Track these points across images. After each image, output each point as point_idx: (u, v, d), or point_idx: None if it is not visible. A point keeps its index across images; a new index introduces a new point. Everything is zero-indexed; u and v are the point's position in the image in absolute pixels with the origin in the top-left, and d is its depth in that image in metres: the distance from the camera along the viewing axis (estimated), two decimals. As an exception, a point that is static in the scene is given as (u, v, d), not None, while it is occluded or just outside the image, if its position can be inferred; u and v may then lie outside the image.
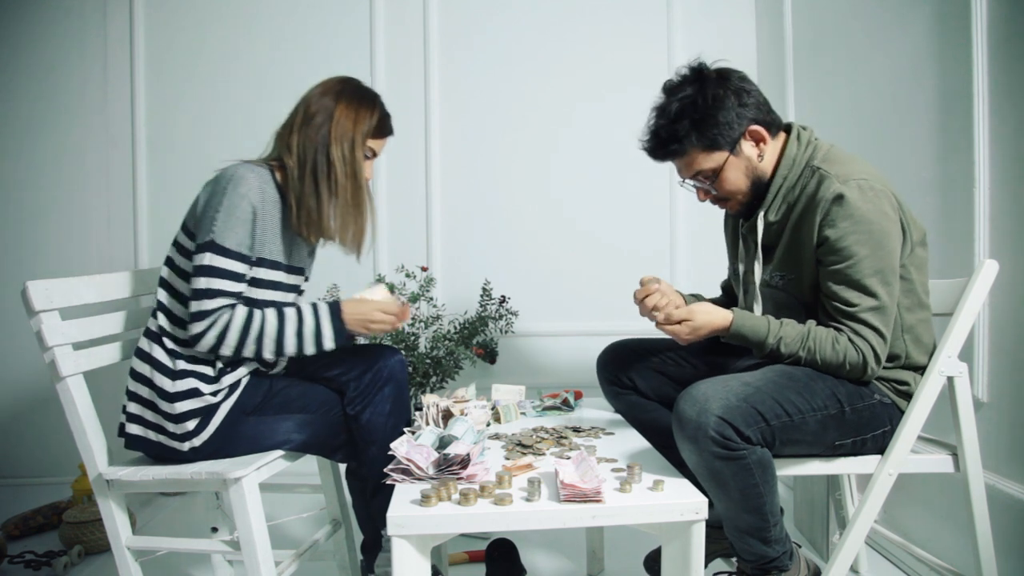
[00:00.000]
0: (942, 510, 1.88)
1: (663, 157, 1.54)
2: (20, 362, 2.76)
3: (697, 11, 2.87)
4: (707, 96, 1.46)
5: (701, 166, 1.50)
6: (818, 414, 1.38)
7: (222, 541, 1.57)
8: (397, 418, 1.56)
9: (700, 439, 1.27)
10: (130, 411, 1.52)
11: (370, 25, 2.86)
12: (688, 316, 1.47)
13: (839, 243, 1.38)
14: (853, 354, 1.40)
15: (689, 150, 1.49)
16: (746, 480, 1.30)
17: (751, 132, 1.49)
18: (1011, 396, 1.68)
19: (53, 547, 2.18)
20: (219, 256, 1.46)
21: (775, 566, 1.40)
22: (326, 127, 1.55)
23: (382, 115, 1.62)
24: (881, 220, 1.38)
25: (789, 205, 1.49)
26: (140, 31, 2.85)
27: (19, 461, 2.83)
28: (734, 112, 1.46)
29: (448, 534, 1.17)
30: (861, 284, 1.39)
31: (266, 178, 1.52)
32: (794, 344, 1.42)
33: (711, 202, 1.58)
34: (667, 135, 1.49)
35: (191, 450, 1.49)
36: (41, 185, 2.84)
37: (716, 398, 1.29)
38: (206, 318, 1.45)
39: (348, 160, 1.56)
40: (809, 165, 1.48)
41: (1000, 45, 1.69)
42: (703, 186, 1.54)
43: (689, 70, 1.51)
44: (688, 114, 1.46)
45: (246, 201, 1.47)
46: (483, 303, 2.53)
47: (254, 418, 1.54)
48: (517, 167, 2.89)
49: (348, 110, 1.57)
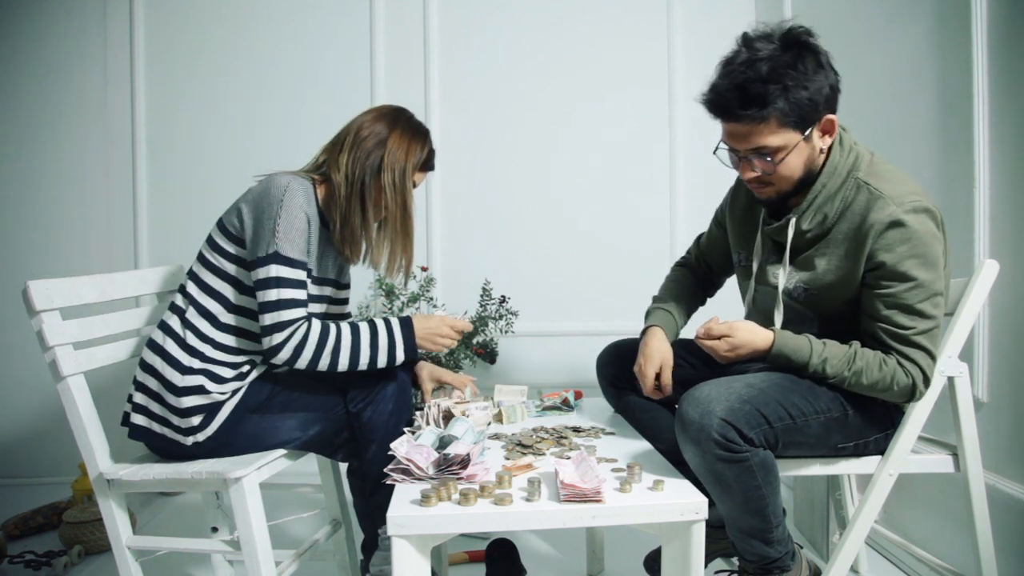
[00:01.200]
0: (942, 510, 1.88)
1: (737, 117, 1.33)
2: (20, 362, 2.76)
3: (697, 11, 2.87)
4: (805, 65, 1.31)
5: (769, 141, 1.34)
6: (821, 416, 1.37)
7: (222, 541, 1.57)
8: (399, 417, 1.57)
9: (703, 441, 1.27)
10: (136, 401, 1.52)
11: (370, 25, 2.86)
12: (729, 332, 1.41)
13: (897, 267, 1.32)
14: (902, 376, 1.35)
15: (770, 118, 1.31)
16: (748, 482, 1.30)
17: (826, 121, 1.36)
18: (1011, 396, 1.68)
19: (53, 547, 2.18)
20: (285, 266, 1.47)
21: (777, 566, 1.40)
22: (378, 153, 1.57)
23: (431, 150, 1.66)
24: (934, 242, 1.33)
25: (825, 216, 1.41)
26: (140, 31, 2.85)
27: (19, 461, 2.83)
28: (823, 93, 1.33)
29: (448, 534, 1.17)
30: (915, 308, 1.33)
31: (310, 192, 1.55)
32: (840, 365, 1.36)
33: (748, 182, 1.43)
34: (755, 93, 1.30)
35: (194, 444, 1.49)
36: (41, 185, 2.84)
37: (719, 400, 1.29)
38: (284, 329, 1.46)
39: (399, 188, 1.59)
40: (853, 177, 1.39)
41: (1000, 45, 1.69)
42: (755, 163, 1.38)
43: (781, 29, 1.35)
44: (782, 78, 1.29)
45: (302, 212, 1.49)
46: (483, 303, 2.54)
47: (257, 416, 1.55)
48: (517, 167, 2.89)
49: (402, 140, 1.59)
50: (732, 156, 1.42)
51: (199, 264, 1.57)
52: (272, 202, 1.48)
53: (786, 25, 1.36)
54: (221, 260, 1.55)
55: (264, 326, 1.48)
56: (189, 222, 2.77)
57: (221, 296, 1.54)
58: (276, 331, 1.47)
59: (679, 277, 1.79)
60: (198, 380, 1.48)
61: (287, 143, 2.79)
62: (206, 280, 1.55)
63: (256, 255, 1.49)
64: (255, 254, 1.49)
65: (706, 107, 1.38)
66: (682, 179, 2.84)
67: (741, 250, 1.63)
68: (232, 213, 1.56)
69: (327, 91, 2.86)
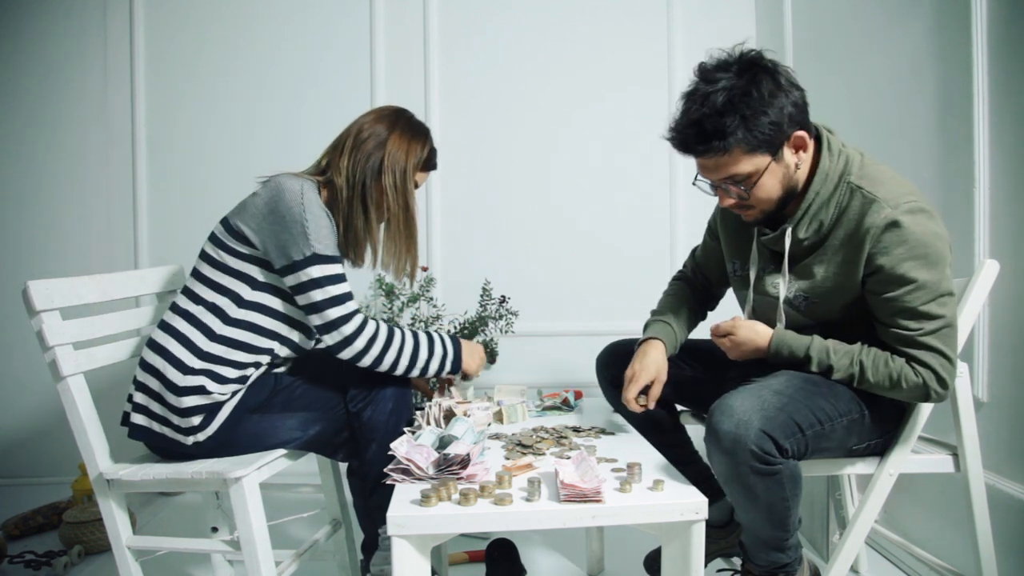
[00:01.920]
0: (942, 510, 1.88)
1: (699, 152, 1.35)
2: (21, 362, 2.77)
3: (697, 11, 2.87)
4: (761, 90, 1.29)
5: (738, 169, 1.34)
6: (844, 419, 1.36)
7: (222, 541, 1.57)
8: (399, 417, 1.57)
9: (739, 452, 1.23)
10: (136, 401, 1.52)
11: (370, 25, 2.86)
12: (731, 329, 1.43)
13: (896, 270, 1.30)
14: (911, 374, 1.32)
15: (732, 148, 1.31)
16: (777, 494, 1.28)
17: (796, 138, 1.35)
18: (1011, 396, 1.68)
19: (53, 547, 2.18)
20: (326, 264, 1.48)
21: (785, 571, 1.40)
22: (378, 155, 1.57)
23: (432, 149, 1.66)
24: (935, 242, 1.30)
25: (821, 223, 1.39)
26: (140, 31, 2.85)
27: (19, 461, 2.83)
28: (786, 112, 1.31)
29: (448, 534, 1.17)
30: (919, 311, 1.31)
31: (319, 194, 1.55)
32: (843, 360, 1.36)
33: (730, 207, 1.44)
34: (713, 129, 1.29)
35: (194, 444, 1.49)
36: (41, 185, 2.84)
37: (754, 410, 1.25)
38: (348, 321, 1.48)
39: (400, 189, 1.59)
40: (845, 181, 1.37)
41: (1000, 45, 1.69)
42: (731, 190, 1.38)
43: (734, 56, 1.33)
44: (738, 108, 1.28)
45: (323, 210, 1.50)
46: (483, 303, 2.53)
47: (257, 416, 1.55)
48: (517, 167, 2.89)
49: (402, 140, 1.59)
50: (708, 185, 1.43)
51: (204, 263, 1.56)
52: (292, 205, 1.47)
53: (738, 50, 1.34)
54: (230, 258, 1.53)
55: (318, 326, 1.50)
56: (189, 222, 2.77)
57: (232, 292, 1.53)
58: (338, 326, 1.48)
59: (677, 291, 1.76)
60: (199, 380, 1.48)
61: (287, 143, 2.80)
62: (214, 278, 1.54)
63: (291, 259, 1.47)
64: (288, 259, 1.48)
65: (672, 144, 1.39)
66: (682, 179, 2.84)
67: (736, 259, 1.61)
68: (240, 216, 1.53)
69: (327, 91, 2.86)
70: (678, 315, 1.68)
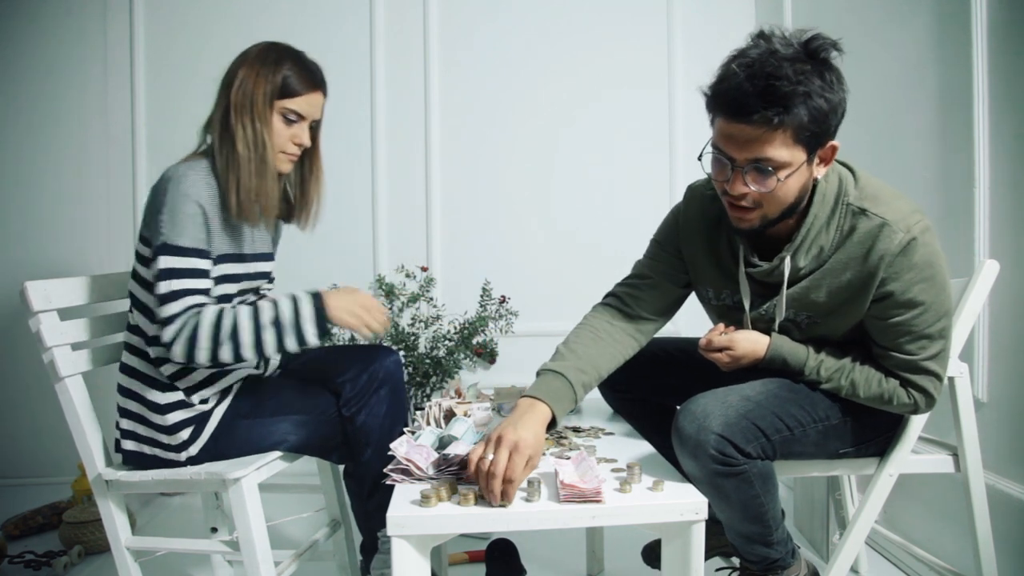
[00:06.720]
0: (942, 510, 1.88)
1: (751, 114, 1.15)
2: (19, 362, 2.76)
3: (697, 11, 2.87)
4: (832, 84, 1.18)
5: (775, 154, 1.18)
6: (819, 425, 1.35)
7: (222, 541, 1.57)
8: (393, 420, 1.55)
9: (700, 455, 1.24)
10: (123, 427, 1.50)
11: (370, 25, 2.86)
12: (729, 344, 1.38)
13: (905, 295, 1.26)
14: (903, 396, 1.32)
15: (785, 127, 1.16)
16: (747, 492, 1.28)
17: (829, 147, 1.23)
18: (1011, 396, 1.68)
19: (53, 547, 2.18)
20: (175, 256, 1.38)
21: (779, 565, 1.40)
22: (226, 94, 1.46)
23: (288, 73, 1.47)
24: (939, 260, 1.27)
25: (821, 248, 1.30)
26: (140, 31, 2.85)
27: (19, 461, 2.83)
28: (839, 113, 1.21)
29: (448, 534, 1.17)
30: (923, 334, 1.28)
31: (205, 170, 1.44)
32: (836, 373, 1.34)
33: (729, 201, 1.28)
34: (781, 94, 1.13)
35: (188, 459, 1.48)
36: (41, 186, 2.84)
37: (715, 415, 1.25)
38: (174, 322, 1.36)
39: (249, 128, 1.43)
40: (843, 203, 1.29)
41: (1000, 45, 1.68)
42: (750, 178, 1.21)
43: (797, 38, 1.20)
44: (809, 87, 1.15)
45: (189, 199, 1.38)
46: (483, 303, 2.54)
47: (249, 421, 1.52)
48: (517, 167, 2.88)
49: (250, 72, 1.46)
50: (722, 165, 1.24)
51: (132, 280, 1.51)
52: (158, 193, 1.42)
53: (807, 34, 1.20)
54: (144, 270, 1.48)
55: (158, 320, 1.38)
56: (189, 222, 2.77)
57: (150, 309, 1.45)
58: (167, 325, 1.36)
59: (598, 323, 1.50)
60: (178, 396, 1.46)
61: (287, 143, 2.79)
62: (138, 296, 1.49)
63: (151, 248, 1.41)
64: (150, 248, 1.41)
65: (714, 100, 1.21)
66: (682, 179, 2.83)
67: (710, 287, 1.47)
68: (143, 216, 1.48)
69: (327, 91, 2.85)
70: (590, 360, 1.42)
